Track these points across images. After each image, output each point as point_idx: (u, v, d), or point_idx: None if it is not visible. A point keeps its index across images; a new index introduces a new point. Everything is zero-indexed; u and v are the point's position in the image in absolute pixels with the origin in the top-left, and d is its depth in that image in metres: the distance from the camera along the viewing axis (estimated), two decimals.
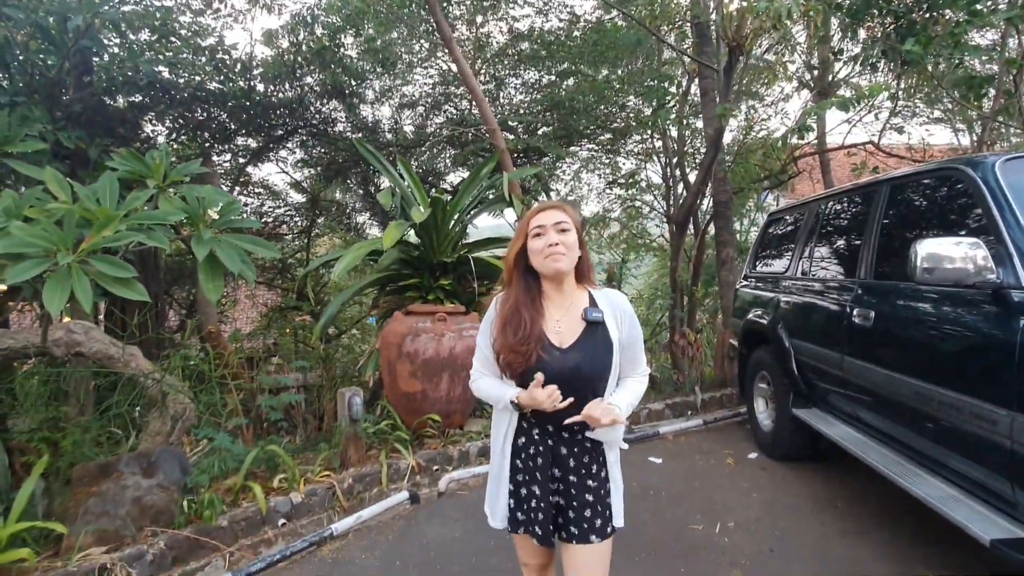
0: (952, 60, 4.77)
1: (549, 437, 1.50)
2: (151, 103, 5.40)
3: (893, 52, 4.72)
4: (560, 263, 1.46)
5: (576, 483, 1.49)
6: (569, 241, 1.47)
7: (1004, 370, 1.88)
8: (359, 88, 6.73)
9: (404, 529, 2.95)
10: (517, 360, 1.45)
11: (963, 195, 2.33)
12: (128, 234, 2.23)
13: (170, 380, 3.22)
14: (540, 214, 1.50)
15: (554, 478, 1.51)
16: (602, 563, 1.51)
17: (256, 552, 2.72)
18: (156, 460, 2.77)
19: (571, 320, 1.49)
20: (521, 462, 1.54)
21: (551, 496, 1.50)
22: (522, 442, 1.53)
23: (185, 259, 6.91)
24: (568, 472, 1.50)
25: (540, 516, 1.49)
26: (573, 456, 1.50)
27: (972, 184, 2.24)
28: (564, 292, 1.52)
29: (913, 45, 4.22)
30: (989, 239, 2.07)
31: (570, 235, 1.48)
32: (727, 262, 5.87)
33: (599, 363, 1.47)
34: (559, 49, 7.11)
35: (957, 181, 2.37)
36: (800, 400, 3.44)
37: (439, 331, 3.77)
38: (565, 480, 1.50)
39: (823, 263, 3.44)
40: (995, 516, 2.01)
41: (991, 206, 2.12)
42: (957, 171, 2.37)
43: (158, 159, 2.66)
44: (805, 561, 2.52)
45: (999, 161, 2.22)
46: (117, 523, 2.59)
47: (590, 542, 1.47)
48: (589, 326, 1.48)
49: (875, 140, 7.49)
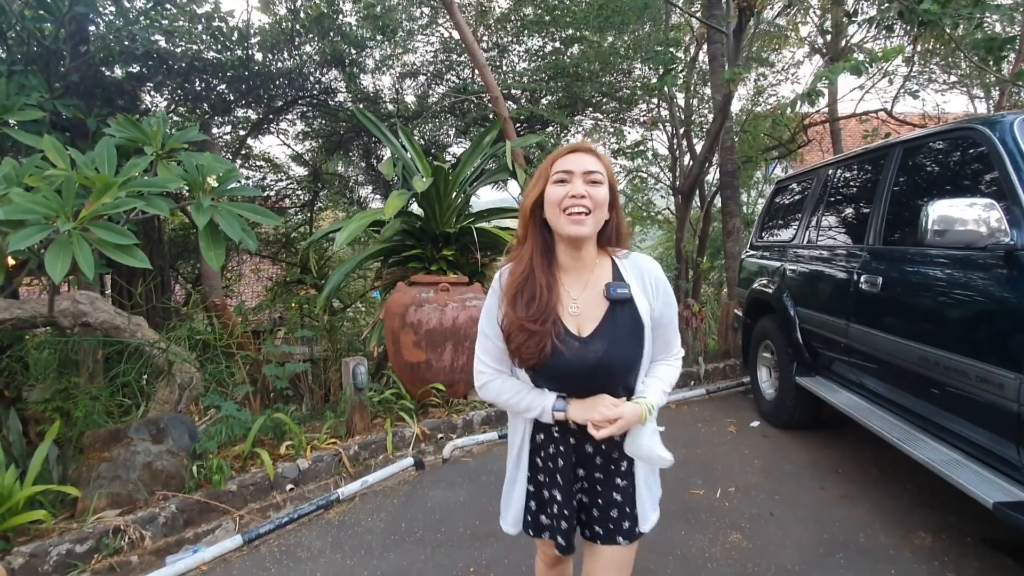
0: (972, 20, 4.61)
1: (572, 435, 1.28)
2: (149, 73, 5.32)
3: (910, 13, 4.55)
4: (583, 226, 1.16)
5: (602, 480, 1.30)
6: (598, 197, 1.17)
7: (1015, 333, 1.85)
8: (359, 57, 6.60)
9: (409, 493, 3.00)
10: (530, 344, 1.16)
11: (979, 157, 2.26)
12: (127, 201, 2.21)
13: (176, 349, 3.25)
14: (567, 156, 1.20)
15: (578, 477, 1.31)
16: (626, 567, 1.34)
17: (265, 515, 2.78)
18: (165, 427, 2.81)
19: (591, 299, 1.21)
20: (541, 461, 1.33)
21: (573, 498, 1.30)
22: (541, 439, 1.32)
23: (189, 233, 6.91)
24: (594, 470, 1.30)
25: (563, 524, 1.29)
26: (600, 454, 1.29)
27: (989, 144, 2.18)
28: (583, 261, 1.23)
29: (930, 4, 4.06)
30: (1004, 201, 2.01)
31: (601, 190, 1.18)
32: (733, 233, 5.81)
33: (628, 352, 1.20)
34: (563, 15, 6.93)
35: (973, 142, 2.30)
36: (804, 368, 3.43)
37: (442, 301, 3.77)
38: (590, 478, 1.31)
39: (830, 231, 3.38)
40: (998, 479, 2.01)
41: (1008, 166, 2.06)
42: (973, 131, 2.30)
43: (155, 126, 2.62)
44: (804, 523, 2.54)
45: (1018, 120, 2.15)
46: (129, 487, 2.65)
47: (616, 543, 1.29)
48: (613, 305, 1.20)
49: (888, 108, 7.32)
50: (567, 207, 1.15)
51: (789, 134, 7.55)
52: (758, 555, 2.32)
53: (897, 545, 2.35)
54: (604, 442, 1.26)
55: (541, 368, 1.20)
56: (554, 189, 1.18)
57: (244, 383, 3.79)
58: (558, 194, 1.17)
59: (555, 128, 7.65)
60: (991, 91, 7.74)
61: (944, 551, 2.29)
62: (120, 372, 3.22)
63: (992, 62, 4.79)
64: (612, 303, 1.20)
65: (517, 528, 1.38)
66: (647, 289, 1.24)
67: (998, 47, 4.65)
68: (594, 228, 1.19)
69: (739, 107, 8.00)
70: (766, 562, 2.27)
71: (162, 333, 3.39)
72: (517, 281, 1.21)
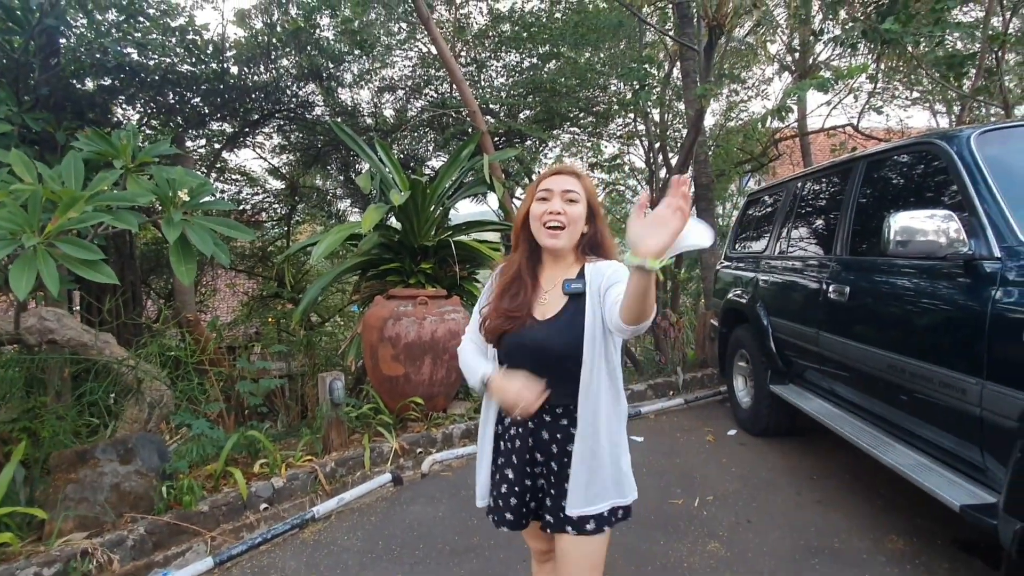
0: (933, 38, 4.80)
1: (530, 418, 1.38)
2: (121, 86, 5.24)
3: (873, 32, 4.73)
4: (556, 239, 1.35)
5: (556, 470, 1.38)
6: (574, 213, 1.35)
7: (974, 339, 1.91)
8: (337, 71, 6.59)
9: (387, 510, 2.95)
10: (502, 324, 1.38)
11: (938, 169, 2.35)
12: (94, 215, 2.17)
13: (146, 367, 3.17)
14: (551, 177, 1.39)
15: (536, 462, 1.41)
16: (583, 561, 1.36)
17: (238, 536, 2.71)
18: (133, 447, 2.73)
19: (556, 293, 1.40)
20: (503, 443, 1.46)
21: (529, 480, 1.41)
22: (508, 422, 1.45)
23: (162, 248, 6.76)
24: (551, 457, 1.40)
25: (513, 501, 1.41)
26: (556, 442, 1.38)
27: (947, 158, 2.27)
28: (559, 265, 1.42)
29: (892, 24, 4.23)
30: (963, 212, 2.09)
31: (576, 207, 1.36)
32: None
33: (566, 338, 1.34)
34: (540, 31, 7.03)
35: (932, 155, 2.40)
36: (777, 377, 3.49)
37: (421, 314, 3.75)
38: (547, 465, 1.40)
39: (800, 241, 3.47)
40: (964, 482, 2.06)
41: (965, 178, 2.15)
42: (932, 145, 2.39)
43: (125, 139, 2.58)
44: (781, 530, 2.57)
45: (974, 134, 2.24)
46: (96, 509, 2.56)
47: (565, 531, 1.36)
48: (570, 300, 1.37)
49: (854, 123, 7.56)
50: (546, 221, 1.35)
51: (761, 148, 7.75)
52: (736, 563, 2.34)
53: (870, 549, 2.39)
54: (560, 430, 1.38)
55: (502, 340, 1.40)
56: (536, 205, 1.38)
57: (217, 400, 3.70)
58: (539, 210, 1.37)
59: (533, 142, 7.73)
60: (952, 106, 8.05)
61: (916, 554, 2.34)
62: (87, 390, 3.13)
63: (953, 78, 4.99)
64: (569, 297, 1.38)
65: (483, 501, 1.51)
66: (600, 286, 1.34)
67: (959, 64, 4.85)
68: (568, 241, 1.37)
69: (712, 122, 8.19)
70: (744, 569, 2.29)
71: (131, 350, 3.31)
72: (506, 280, 1.44)
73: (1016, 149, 2.29)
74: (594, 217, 1.41)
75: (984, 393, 1.87)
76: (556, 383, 1.33)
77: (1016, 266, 1.85)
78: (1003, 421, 1.79)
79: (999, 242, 1.94)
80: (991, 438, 1.88)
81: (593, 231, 1.42)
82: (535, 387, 1.30)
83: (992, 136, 2.24)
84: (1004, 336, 1.80)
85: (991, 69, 4.99)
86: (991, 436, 1.88)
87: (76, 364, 3.21)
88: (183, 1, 5.44)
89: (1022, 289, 1.79)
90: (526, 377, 1.32)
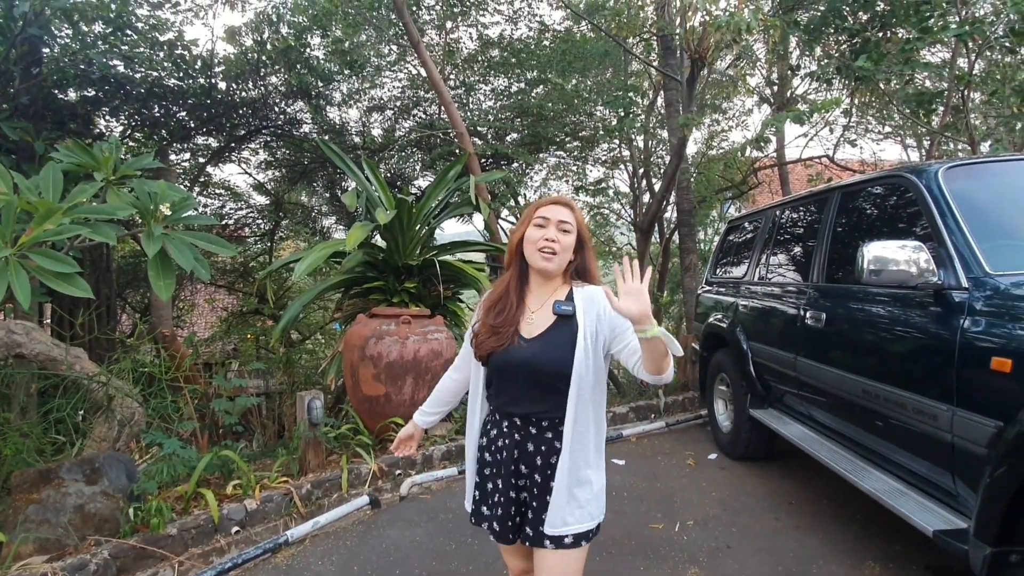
0: (903, 76, 5.02)
1: (516, 431, 1.46)
2: (105, 98, 5.21)
3: (847, 69, 4.93)
4: (549, 263, 1.46)
5: (540, 483, 1.43)
6: (566, 242, 1.47)
7: (944, 366, 1.96)
8: (326, 90, 6.64)
9: (363, 534, 2.89)
10: (490, 342, 1.45)
11: (909, 201, 2.43)
12: (71, 228, 2.14)
13: (117, 383, 3.08)
14: (548, 206, 1.50)
15: (520, 474, 1.46)
16: (562, 572, 1.41)
17: (207, 561, 2.62)
18: (100, 466, 2.65)
19: (544, 313, 1.48)
20: (490, 454, 1.51)
21: (513, 492, 1.45)
22: (494, 433, 1.51)
23: (140, 261, 6.66)
24: (535, 470, 1.44)
25: (499, 511, 1.46)
26: (540, 454, 1.43)
27: (916, 191, 2.35)
28: (547, 286, 1.52)
29: (865, 61, 4.42)
30: (932, 243, 2.16)
31: (568, 237, 1.47)
32: (690, 269, 6.00)
33: (556, 357, 1.41)
34: (528, 57, 7.18)
35: (903, 188, 2.48)
36: (757, 401, 3.53)
37: (403, 334, 3.72)
38: (531, 478, 1.45)
39: (779, 268, 3.54)
40: (937, 508, 2.09)
41: (933, 211, 2.22)
42: (903, 179, 2.48)
43: (107, 151, 2.56)
44: (760, 555, 2.57)
45: (942, 169, 2.33)
46: (59, 531, 2.46)
47: (543, 547, 1.41)
48: (558, 320, 1.45)
49: (830, 154, 7.81)
50: (541, 247, 1.46)
51: (741, 176, 7.95)
52: None
53: (848, 575, 2.39)
54: (545, 443, 1.44)
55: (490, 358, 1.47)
56: (533, 231, 1.48)
57: (191, 419, 3.61)
58: (535, 235, 1.47)
59: (520, 165, 7.83)
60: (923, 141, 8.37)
61: None
62: (55, 407, 3.03)
63: (923, 115, 5.20)
64: (557, 317, 1.46)
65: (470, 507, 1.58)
66: (593, 312, 1.44)
67: (928, 101, 5.06)
68: (558, 265, 1.48)
69: (694, 150, 8.39)
70: None
71: (103, 366, 3.22)
72: (494, 297, 1.54)
73: (982, 184, 2.39)
74: (583, 247, 1.53)
75: (955, 419, 1.91)
76: (542, 398, 1.43)
77: (983, 296, 1.91)
78: (973, 447, 1.83)
79: (966, 273, 2.00)
80: (962, 464, 1.92)
81: (581, 259, 1.53)
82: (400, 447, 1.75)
83: (959, 171, 2.33)
84: (972, 364, 1.85)
85: (958, 107, 5.21)
86: (962, 462, 1.91)
87: (44, 379, 3.12)
88: (173, 16, 5.45)
89: (989, 319, 1.85)
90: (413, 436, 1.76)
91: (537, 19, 7.44)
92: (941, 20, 4.76)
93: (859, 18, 5.08)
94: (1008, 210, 2.30)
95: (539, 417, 1.43)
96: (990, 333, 1.82)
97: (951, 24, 4.66)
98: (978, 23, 4.41)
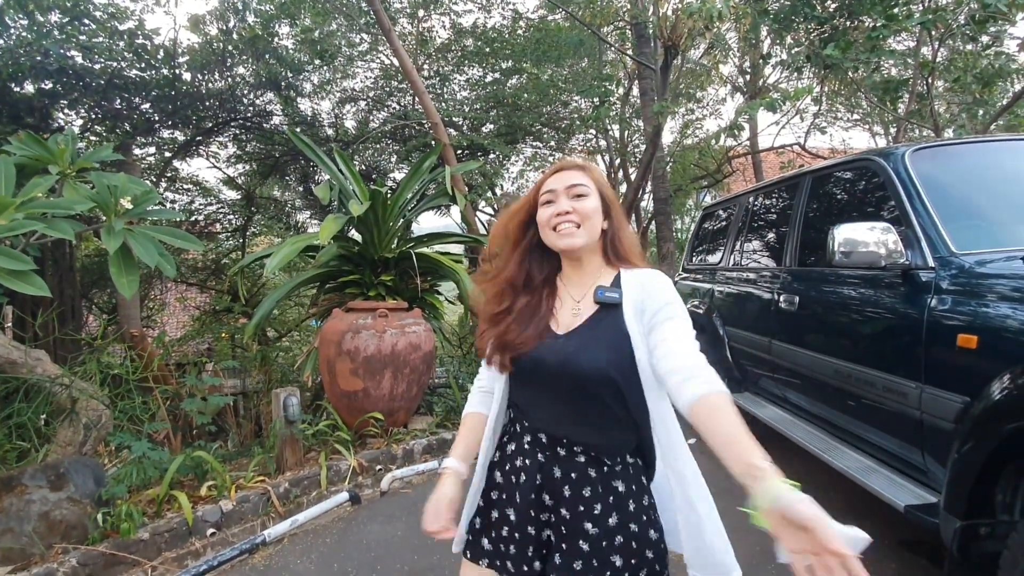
0: (870, 64, 5.11)
1: (541, 451, 1.13)
2: (63, 91, 5.01)
3: (816, 57, 5.00)
4: (573, 238, 1.11)
5: (569, 521, 1.08)
6: (586, 208, 1.12)
7: (913, 344, 2.00)
8: (296, 80, 6.50)
9: (343, 531, 2.85)
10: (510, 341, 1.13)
11: (877, 185, 2.47)
12: (25, 223, 2.04)
13: (81, 385, 2.98)
14: (553, 176, 1.17)
15: (543, 506, 1.12)
16: None
17: (182, 564, 2.55)
18: (65, 471, 2.55)
19: (587, 303, 1.14)
20: (503, 476, 1.17)
21: (532, 527, 1.12)
22: (511, 450, 1.18)
23: (105, 260, 6.44)
24: (560, 503, 1.10)
25: (512, 550, 1.12)
26: (570, 483, 1.09)
27: (884, 174, 2.39)
28: (585, 272, 1.17)
29: (833, 50, 4.48)
30: (899, 225, 2.20)
31: (588, 201, 1.13)
32: (667, 257, 6.05)
33: (598, 356, 1.06)
34: (503, 47, 7.13)
35: (871, 171, 2.52)
36: (734, 385, 3.57)
37: (380, 327, 3.67)
38: (557, 512, 1.10)
39: (753, 254, 3.58)
40: (908, 484, 2.14)
41: (901, 193, 2.26)
42: (871, 162, 2.51)
43: (63, 143, 2.45)
44: (738, 535, 2.59)
45: (908, 152, 2.37)
46: (23, 540, 2.37)
47: None
48: (601, 309, 1.11)
49: (801, 142, 7.94)
50: (555, 224, 1.13)
51: (716, 165, 8.04)
52: None
53: None
54: (576, 470, 1.10)
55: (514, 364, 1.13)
56: (542, 211, 1.16)
57: (163, 420, 3.51)
58: (545, 215, 1.15)
59: (496, 156, 7.78)
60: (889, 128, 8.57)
61: (865, 555, 2.39)
62: (16, 411, 2.91)
63: (889, 102, 5.31)
64: (600, 307, 1.12)
65: (459, 546, 1.23)
66: (644, 304, 1.08)
67: (894, 88, 5.18)
68: (588, 238, 1.13)
69: (670, 139, 8.45)
70: None
71: (67, 368, 3.11)
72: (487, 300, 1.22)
73: (947, 166, 2.43)
74: (610, 211, 1.17)
75: (923, 396, 1.95)
76: (581, 412, 1.10)
77: (948, 275, 1.95)
78: (941, 423, 1.87)
79: (933, 253, 2.04)
80: (931, 440, 1.96)
81: (610, 227, 1.18)
82: (440, 518, 1.15)
83: (925, 153, 2.38)
84: (939, 341, 1.89)
85: (922, 94, 5.34)
86: (931, 438, 1.96)
87: (4, 383, 2.99)
88: (132, 4, 5.27)
89: (955, 297, 1.89)
90: (449, 493, 1.16)
91: (511, 7, 7.39)
92: (906, 9, 4.87)
93: (827, 7, 5.15)
94: (972, 191, 2.35)
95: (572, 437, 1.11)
96: (956, 311, 1.86)
97: (915, 13, 4.76)
98: (941, 12, 4.51)
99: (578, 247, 1.13)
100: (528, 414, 1.16)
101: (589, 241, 1.14)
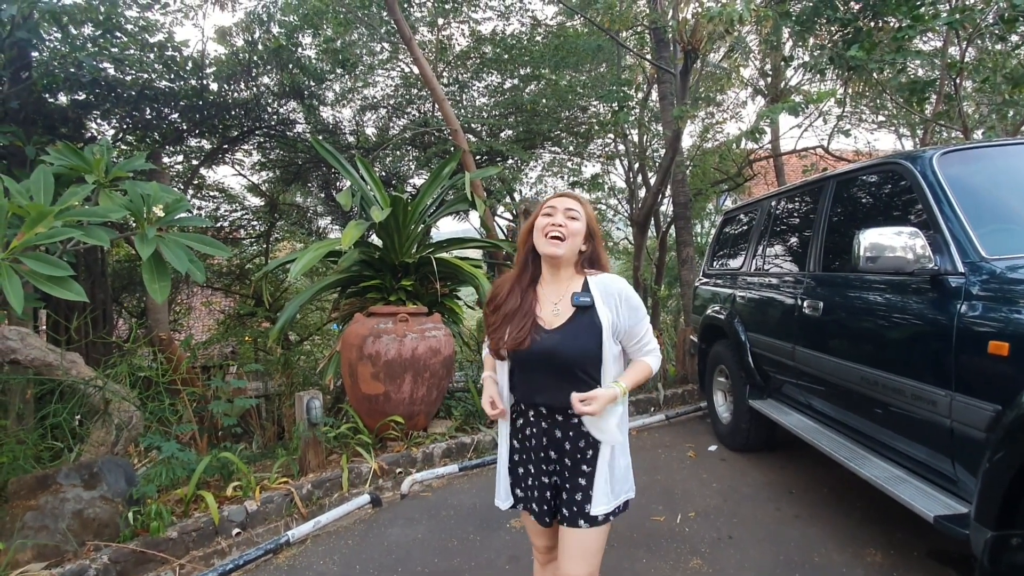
0: (895, 65, 5.02)
1: (543, 420, 1.55)
2: (96, 101, 5.18)
3: (839, 58, 4.93)
4: (557, 248, 1.50)
5: (570, 466, 1.53)
6: (573, 228, 1.51)
7: (942, 351, 1.96)
8: (318, 89, 6.62)
9: (365, 533, 2.88)
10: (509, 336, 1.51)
11: (904, 188, 2.43)
12: (63, 231, 2.12)
13: (114, 387, 3.07)
14: (556, 199, 1.58)
15: (550, 459, 1.55)
16: (588, 549, 1.52)
17: (208, 563, 2.61)
18: (99, 471, 2.63)
19: (564, 305, 1.53)
20: (519, 442, 1.61)
21: (545, 476, 1.55)
22: (520, 423, 1.60)
23: (135, 265, 6.63)
24: (564, 455, 1.53)
25: (536, 494, 1.56)
26: (568, 440, 1.53)
27: (911, 177, 2.35)
28: (560, 278, 1.56)
29: (857, 51, 4.41)
30: (927, 229, 2.16)
31: (576, 224, 1.52)
32: (687, 262, 6.00)
33: (580, 347, 1.48)
34: (521, 53, 7.17)
35: (898, 175, 2.48)
36: (756, 392, 3.53)
37: (401, 332, 3.71)
38: (561, 462, 1.54)
39: (775, 258, 3.54)
40: (937, 493, 2.09)
41: (929, 197, 2.22)
42: (898, 165, 2.47)
43: (98, 154, 2.54)
44: (761, 545, 2.57)
45: (937, 155, 2.32)
46: (57, 537, 2.45)
47: (578, 526, 1.50)
48: (578, 311, 1.51)
49: (824, 144, 7.81)
50: (547, 232, 1.51)
51: (736, 168, 7.95)
52: None
53: (849, 563, 2.40)
54: (572, 429, 1.52)
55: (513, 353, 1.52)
56: (541, 219, 1.54)
57: (190, 422, 3.60)
58: (543, 223, 1.53)
59: (515, 161, 7.82)
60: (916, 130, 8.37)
61: (893, 566, 2.35)
62: (51, 412, 3.01)
63: (915, 103, 5.20)
64: (577, 308, 1.51)
65: (506, 503, 1.64)
66: (611, 303, 1.51)
67: (920, 90, 5.06)
68: (568, 251, 1.52)
69: (690, 143, 8.39)
70: None
71: (99, 370, 3.20)
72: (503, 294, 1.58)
73: (976, 169, 2.38)
74: (592, 237, 1.58)
75: (953, 404, 1.91)
76: (563, 386, 1.47)
77: (979, 281, 1.91)
78: (972, 432, 1.83)
79: (962, 258, 2.00)
80: (961, 449, 1.92)
81: (591, 248, 1.59)
82: (496, 405, 1.58)
83: (954, 157, 2.33)
84: (970, 348, 1.85)
85: (950, 95, 5.21)
86: (961, 447, 1.92)
87: (40, 385, 3.10)
88: (162, 18, 5.43)
89: (986, 303, 1.85)
90: (495, 390, 1.60)
91: (529, 14, 7.43)
92: (932, 8, 4.77)
93: (850, 7, 5.07)
94: (1003, 195, 2.30)
95: (564, 405, 1.47)
96: (987, 317, 1.81)
97: (942, 12, 4.66)
98: (968, 11, 4.41)
99: (559, 256, 1.51)
100: (528, 391, 1.56)
101: (568, 254, 1.53)
